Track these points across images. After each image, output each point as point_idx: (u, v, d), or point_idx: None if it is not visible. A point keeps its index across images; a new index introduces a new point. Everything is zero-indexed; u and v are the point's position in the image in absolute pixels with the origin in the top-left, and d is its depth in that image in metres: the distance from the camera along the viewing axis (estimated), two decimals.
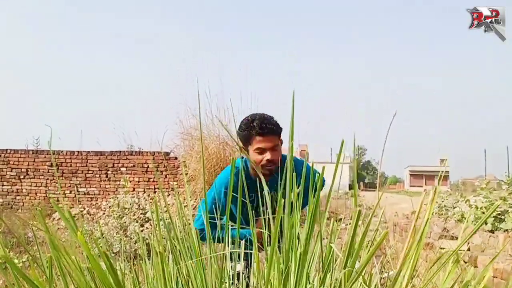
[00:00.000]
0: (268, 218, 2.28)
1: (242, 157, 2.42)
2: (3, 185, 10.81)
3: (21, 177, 10.79)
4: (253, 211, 2.29)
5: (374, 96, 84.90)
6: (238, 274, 2.39)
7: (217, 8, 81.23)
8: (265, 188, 1.50)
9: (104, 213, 8.81)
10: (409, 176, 60.56)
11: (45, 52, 68.28)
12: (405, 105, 77.05)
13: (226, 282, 1.49)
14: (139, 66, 69.43)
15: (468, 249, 4.20)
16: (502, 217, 4.97)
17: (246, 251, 1.68)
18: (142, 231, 6.37)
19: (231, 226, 2.39)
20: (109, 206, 7.80)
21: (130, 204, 6.74)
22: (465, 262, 3.62)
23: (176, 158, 10.16)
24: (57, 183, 10.56)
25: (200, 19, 79.22)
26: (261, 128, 2.22)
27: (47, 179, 10.75)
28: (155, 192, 10.17)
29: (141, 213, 6.76)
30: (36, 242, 1.41)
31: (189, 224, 1.63)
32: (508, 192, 4.91)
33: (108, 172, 10.56)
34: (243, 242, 1.69)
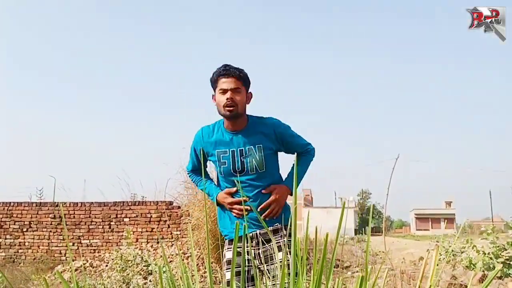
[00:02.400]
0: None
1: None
2: (5, 238, 10.73)
3: (24, 229, 10.72)
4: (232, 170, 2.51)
5: (378, 137, 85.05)
6: (229, 261, 2.47)
7: (217, 54, 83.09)
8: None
9: (107, 266, 8.70)
10: (414, 220, 59.89)
11: (48, 104, 69.72)
12: (406, 146, 77.10)
13: None
14: (142, 117, 70.48)
15: None
16: (511, 262, 4.90)
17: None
18: (145, 284, 6.26)
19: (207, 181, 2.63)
20: (112, 259, 7.71)
21: (133, 257, 6.66)
22: None
23: (179, 207, 10.12)
24: (60, 235, 10.48)
25: (199, 68, 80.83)
26: (224, 69, 2.43)
27: (50, 231, 10.68)
28: (158, 242, 10.07)
29: (144, 265, 6.67)
30: None
31: (192, 276, 1.63)
32: None
33: (111, 223, 10.49)
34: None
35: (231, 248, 2.51)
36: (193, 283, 1.52)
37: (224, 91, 2.41)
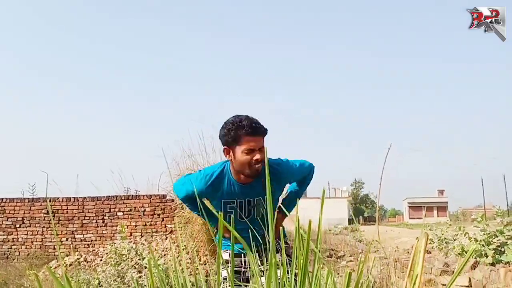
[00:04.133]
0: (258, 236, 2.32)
1: (224, 162, 2.42)
2: None
3: (17, 226, 10.68)
4: (240, 217, 2.40)
5: (370, 127, 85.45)
6: (226, 261, 2.44)
7: (212, 53, 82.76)
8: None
9: (101, 260, 8.69)
10: (408, 208, 60.29)
11: (39, 97, 69.47)
12: (401, 135, 77.46)
13: None
14: (135, 112, 70.37)
15: (470, 285, 4.16)
16: (502, 249, 4.95)
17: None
18: (140, 277, 6.27)
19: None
20: (106, 253, 7.70)
21: (128, 251, 6.65)
22: None
23: (173, 201, 10.12)
24: (53, 230, 10.44)
25: (194, 67, 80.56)
26: (251, 127, 2.21)
27: (43, 227, 10.64)
28: (152, 236, 10.07)
29: (138, 259, 6.68)
30: None
31: (182, 269, 1.64)
32: (504, 224, 4.90)
33: (105, 217, 10.47)
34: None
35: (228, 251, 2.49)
36: (184, 276, 1.52)
37: (251, 151, 2.23)
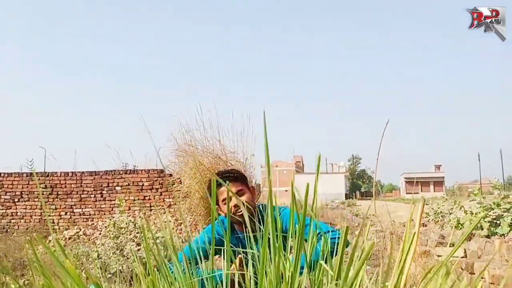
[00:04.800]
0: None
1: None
2: None
3: (16, 200, 10.72)
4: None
5: (369, 104, 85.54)
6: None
7: (211, 30, 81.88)
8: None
9: (100, 234, 8.76)
10: (404, 183, 60.64)
11: (39, 75, 69.16)
12: (398, 111, 77.51)
13: None
14: (132, 86, 70.15)
15: (465, 256, 4.21)
16: (497, 221, 5.00)
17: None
18: (139, 250, 6.33)
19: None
20: (105, 227, 7.76)
21: (126, 224, 6.70)
22: (462, 269, 3.62)
23: (171, 175, 10.14)
24: (52, 205, 10.49)
25: (193, 42, 79.82)
26: (218, 180, 2.17)
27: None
28: (151, 210, 10.13)
29: (137, 232, 6.73)
30: (31, 267, 1.40)
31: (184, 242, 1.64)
32: (501, 197, 4.94)
33: (103, 192, 10.51)
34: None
35: None
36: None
37: (229, 200, 2.15)
